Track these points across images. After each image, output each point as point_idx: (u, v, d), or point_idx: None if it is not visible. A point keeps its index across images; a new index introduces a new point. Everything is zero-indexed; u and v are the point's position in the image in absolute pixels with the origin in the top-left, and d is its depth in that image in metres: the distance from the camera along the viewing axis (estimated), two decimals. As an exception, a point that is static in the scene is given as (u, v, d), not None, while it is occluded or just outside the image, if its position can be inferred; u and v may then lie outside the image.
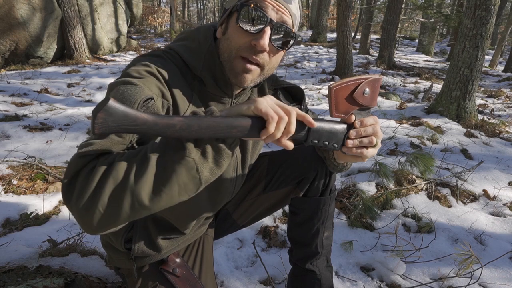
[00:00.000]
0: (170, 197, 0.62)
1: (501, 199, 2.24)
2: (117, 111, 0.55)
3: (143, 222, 1.01)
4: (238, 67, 0.84)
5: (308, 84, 6.07)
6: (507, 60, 10.06)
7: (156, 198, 0.61)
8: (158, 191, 0.61)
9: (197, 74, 0.89)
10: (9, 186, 2.05)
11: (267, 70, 0.87)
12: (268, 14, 0.79)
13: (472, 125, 3.78)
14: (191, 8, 32.51)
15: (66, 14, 6.80)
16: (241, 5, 0.80)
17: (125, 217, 0.62)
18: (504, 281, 1.56)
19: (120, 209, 0.61)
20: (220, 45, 0.88)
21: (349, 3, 6.30)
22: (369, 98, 0.78)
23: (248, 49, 0.81)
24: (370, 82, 0.77)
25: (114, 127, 0.55)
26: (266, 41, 0.79)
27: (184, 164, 0.61)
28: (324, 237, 1.23)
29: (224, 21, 0.87)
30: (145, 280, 1.04)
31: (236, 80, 0.86)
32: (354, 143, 0.78)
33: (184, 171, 0.61)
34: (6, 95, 4.27)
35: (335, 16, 13.27)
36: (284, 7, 0.81)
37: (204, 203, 1.00)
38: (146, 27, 18.67)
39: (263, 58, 0.83)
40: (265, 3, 0.80)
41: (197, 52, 0.90)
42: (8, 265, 1.34)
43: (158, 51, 0.90)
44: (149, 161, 0.61)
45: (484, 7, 3.60)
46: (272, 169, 1.20)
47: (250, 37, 0.81)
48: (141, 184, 0.60)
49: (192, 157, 0.61)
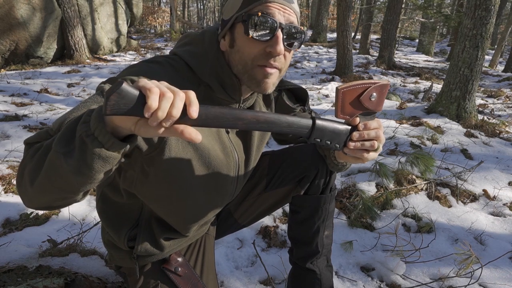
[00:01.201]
0: (45, 183, 0.66)
1: (501, 199, 2.24)
2: (129, 94, 0.55)
3: (147, 221, 1.01)
4: (258, 75, 0.83)
5: (308, 84, 6.07)
6: (507, 60, 10.06)
7: (35, 183, 0.66)
8: (35, 175, 0.66)
9: (204, 79, 0.88)
10: (9, 186, 2.05)
11: (284, 71, 0.88)
12: (277, 19, 0.79)
13: (472, 125, 3.78)
14: (191, 8, 32.50)
15: (66, 14, 6.80)
16: (248, 15, 0.79)
17: (35, 197, 0.70)
18: (504, 281, 1.56)
19: (26, 190, 0.69)
20: (230, 57, 0.87)
21: (349, 3, 6.30)
22: (376, 103, 0.79)
23: (263, 57, 0.81)
24: (378, 87, 0.78)
25: (124, 110, 0.56)
26: (281, 45, 0.80)
27: (52, 155, 0.63)
28: (325, 236, 1.23)
29: (226, 33, 0.86)
30: (147, 279, 1.04)
31: (259, 88, 0.85)
32: (355, 145, 0.79)
33: (52, 160, 0.63)
34: (6, 95, 4.28)
35: (335, 16, 13.27)
36: (289, 8, 0.82)
37: (204, 206, 1.00)
38: (146, 27, 18.66)
39: (280, 62, 0.83)
40: (271, 8, 0.79)
41: (203, 57, 0.88)
42: (8, 265, 1.34)
43: (160, 57, 0.89)
44: (39, 149, 0.67)
45: (484, 7, 3.60)
46: (273, 168, 1.20)
47: (263, 45, 0.80)
48: (25, 169, 0.68)
49: (57, 150, 0.62)
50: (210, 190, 0.97)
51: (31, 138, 0.73)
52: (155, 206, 0.97)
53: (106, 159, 0.60)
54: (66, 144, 0.61)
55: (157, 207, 0.97)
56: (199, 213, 1.01)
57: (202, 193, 0.95)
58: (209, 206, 1.01)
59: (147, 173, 0.88)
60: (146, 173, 0.88)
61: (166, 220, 1.00)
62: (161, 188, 0.90)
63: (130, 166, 0.89)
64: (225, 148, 0.95)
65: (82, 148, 0.59)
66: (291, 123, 0.72)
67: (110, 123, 0.59)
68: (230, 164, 0.97)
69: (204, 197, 0.97)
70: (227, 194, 1.03)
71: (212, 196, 0.99)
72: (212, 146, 0.91)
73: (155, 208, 0.98)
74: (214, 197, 1.00)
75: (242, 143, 1.02)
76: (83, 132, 0.59)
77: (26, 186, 0.68)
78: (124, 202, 0.99)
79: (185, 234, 1.05)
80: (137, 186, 0.92)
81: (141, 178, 0.90)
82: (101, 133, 0.58)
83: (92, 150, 0.59)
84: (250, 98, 0.97)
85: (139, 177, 0.90)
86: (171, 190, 0.91)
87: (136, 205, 1.00)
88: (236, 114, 0.65)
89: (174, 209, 0.96)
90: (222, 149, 0.94)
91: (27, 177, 0.67)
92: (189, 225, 1.01)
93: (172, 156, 0.84)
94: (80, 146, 0.59)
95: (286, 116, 0.72)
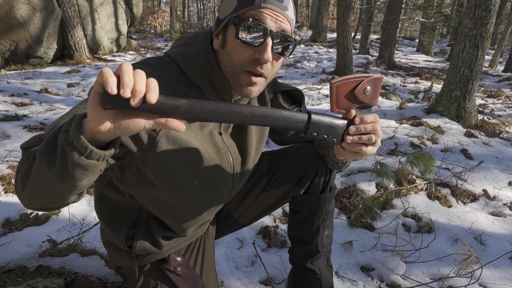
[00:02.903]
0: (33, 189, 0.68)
1: (501, 199, 2.24)
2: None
3: (146, 220, 1.01)
4: (243, 81, 0.83)
5: (308, 84, 6.07)
6: (507, 60, 10.06)
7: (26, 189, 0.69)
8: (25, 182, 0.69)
9: (195, 82, 0.88)
10: (9, 186, 2.05)
11: (270, 77, 0.88)
12: (268, 26, 0.79)
13: (472, 125, 3.78)
14: (191, 8, 32.49)
15: (66, 14, 6.80)
16: (239, 20, 0.79)
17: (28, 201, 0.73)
18: (504, 281, 1.56)
19: (20, 194, 0.73)
20: (220, 57, 0.87)
21: (349, 3, 6.29)
22: (370, 96, 0.79)
23: (251, 63, 0.81)
24: (371, 81, 0.78)
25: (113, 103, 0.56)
26: (269, 53, 0.79)
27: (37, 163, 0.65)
28: (325, 235, 1.23)
29: (220, 32, 0.86)
30: (147, 278, 1.04)
31: (242, 93, 0.86)
32: (353, 139, 0.79)
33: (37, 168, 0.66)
34: (6, 95, 4.28)
35: (335, 16, 13.26)
36: (282, 15, 0.81)
37: (199, 208, 0.99)
38: (146, 27, 18.65)
39: (267, 69, 0.83)
40: (263, 14, 0.79)
41: (195, 59, 0.88)
42: (8, 265, 1.34)
43: (152, 59, 0.89)
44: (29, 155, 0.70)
45: (484, 7, 3.60)
46: (272, 167, 1.20)
47: (252, 50, 0.80)
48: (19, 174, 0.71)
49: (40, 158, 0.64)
50: (204, 192, 0.96)
51: (26, 143, 0.75)
52: (151, 207, 0.97)
53: (86, 168, 0.61)
54: (49, 153, 0.63)
55: (153, 208, 0.98)
56: (193, 215, 1.00)
57: (196, 195, 0.95)
58: (204, 208, 1.01)
59: (144, 173, 0.88)
60: (143, 173, 0.88)
61: (164, 221, 1.00)
62: (156, 189, 0.90)
63: (125, 167, 0.89)
64: (218, 149, 0.95)
65: (63, 157, 0.60)
66: (286, 117, 0.72)
67: (87, 130, 0.59)
68: (224, 165, 0.96)
69: (198, 198, 0.96)
70: (222, 196, 1.02)
71: (206, 198, 0.99)
72: (204, 148, 0.91)
73: (152, 209, 0.98)
74: (208, 199, 1.00)
75: (236, 144, 1.02)
76: (63, 141, 0.60)
77: (19, 190, 0.72)
78: (124, 201, 0.99)
79: (183, 235, 1.04)
80: (134, 187, 0.92)
81: (138, 179, 0.90)
82: (78, 142, 0.58)
83: (72, 159, 0.59)
84: (242, 100, 0.97)
85: (136, 178, 0.90)
86: (165, 192, 0.91)
87: (136, 204, 1.00)
88: (231, 108, 0.66)
89: (169, 210, 0.96)
90: (215, 151, 0.94)
91: (19, 183, 0.71)
92: (185, 226, 1.01)
93: (164, 158, 0.84)
94: (61, 155, 0.60)
95: (281, 111, 0.72)
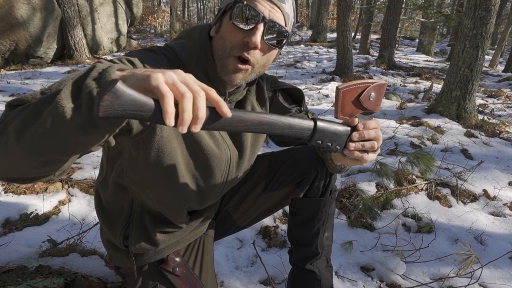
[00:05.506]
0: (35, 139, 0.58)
1: (501, 199, 2.24)
2: (124, 94, 0.50)
3: (139, 217, 1.00)
4: (230, 65, 0.84)
5: (308, 84, 6.07)
6: (507, 60, 10.06)
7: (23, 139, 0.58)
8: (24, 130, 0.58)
9: (190, 70, 0.88)
10: (9, 186, 2.05)
11: (258, 68, 0.88)
12: (261, 12, 0.80)
13: (472, 125, 3.78)
14: (191, 8, 32.50)
15: (66, 14, 6.81)
16: (234, 2, 0.81)
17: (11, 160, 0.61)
18: (504, 281, 1.56)
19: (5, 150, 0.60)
20: (214, 43, 0.89)
21: (349, 3, 6.29)
22: (374, 102, 0.79)
23: (241, 47, 0.82)
24: (376, 87, 0.78)
25: (119, 111, 0.51)
26: (258, 37, 0.80)
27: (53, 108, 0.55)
28: (325, 237, 1.23)
29: (218, 19, 0.88)
30: (145, 279, 1.04)
31: (226, 78, 0.87)
32: (356, 146, 0.78)
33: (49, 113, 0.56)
34: (6, 95, 4.28)
35: (335, 16, 13.27)
36: (277, 6, 0.83)
37: (191, 193, 0.97)
38: (146, 27, 18.67)
39: (255, 56, 0.83)
40: (258, 0, 0.81)
41: (191, 49, 0.91)
42: (8, 265, 1.34)
43: (155, 47, 0.91)
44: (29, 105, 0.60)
45: (484, 7, 3.60)
46: (272, 169, 1.19)
47: (243, 34, 0.81)
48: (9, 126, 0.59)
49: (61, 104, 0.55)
50: (198, 177, 0.95)
51: (15, 101, 0.66)
52: (146, 192, 0.96)
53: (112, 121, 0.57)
54: (75, 98, 0.56)
55: (148, 193, 0.96)
56: (185, 200, 0.98)
57: (190, 174, 0.94)
58: (196, 195, 0.99)
59: (135, 158, 0.87)
60: (135, 158, 0.87)
61: (157, 209, 0.99)
62: (150, 171, 0.89)
63: (119, 153, 0.90)
64: (216, 140, 0.95)
65: (90, 105, 0.54)
66: (293, 125, 0.70)
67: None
68: (222, 156, 0.96)
69: (192, 178, 0.95)
70: (215, 188, 1.00)
71: (200, 185, 0.97)
72: (203, 136, 0.91)
73: (147, 195, 0.96)
74: (202, 187, 0.98)
75: (231, 138, 1.02)
76: (94, 88, 0.54)
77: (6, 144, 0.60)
78: (117, 198, 0.99)
79: (178, 224, 1.03)
80: (128, 173, 0.92)
81: (131, 164, 0.90)
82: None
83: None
84: (237, 92, 0.97)
85: (129, 164, 0.90)
86: (159, 173, 0.89)
87: (126, 200, 0.99)
88: (239, 116, 0.63)
89: (163, 193, 0.94)
90: (213, 142, 0.94)
91: (12, 134, 0.59)
92: (179, 213, 0.99)
93: (164, 136, 0.84)
94: (88, 102, 0.54)
95: (288, 118, 0.70)
